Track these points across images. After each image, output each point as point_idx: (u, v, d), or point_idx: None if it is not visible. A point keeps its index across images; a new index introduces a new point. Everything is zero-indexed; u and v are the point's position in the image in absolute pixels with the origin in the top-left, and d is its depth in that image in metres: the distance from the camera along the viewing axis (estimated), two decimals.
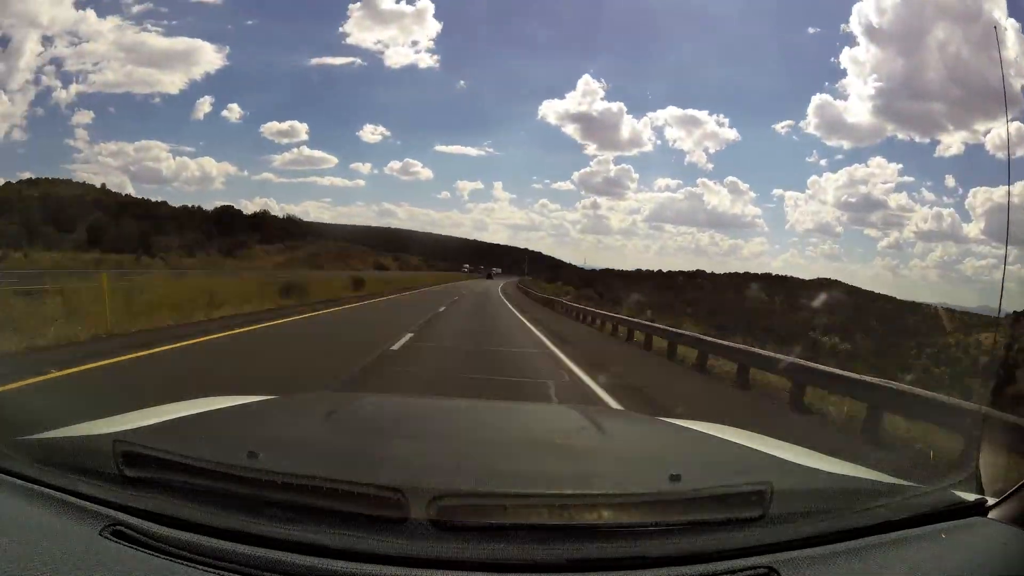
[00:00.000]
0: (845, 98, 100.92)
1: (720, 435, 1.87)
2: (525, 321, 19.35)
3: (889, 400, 5.84)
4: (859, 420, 6.21)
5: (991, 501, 1.23)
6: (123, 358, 7.94)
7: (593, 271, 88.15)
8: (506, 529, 1.04)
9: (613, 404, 6.92)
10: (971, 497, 1.25)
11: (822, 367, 7.50)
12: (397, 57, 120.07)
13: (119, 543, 1.02)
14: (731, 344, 10.21)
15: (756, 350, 9.44)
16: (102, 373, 7.00)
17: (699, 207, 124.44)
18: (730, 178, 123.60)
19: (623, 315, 18.55)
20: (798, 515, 1.15)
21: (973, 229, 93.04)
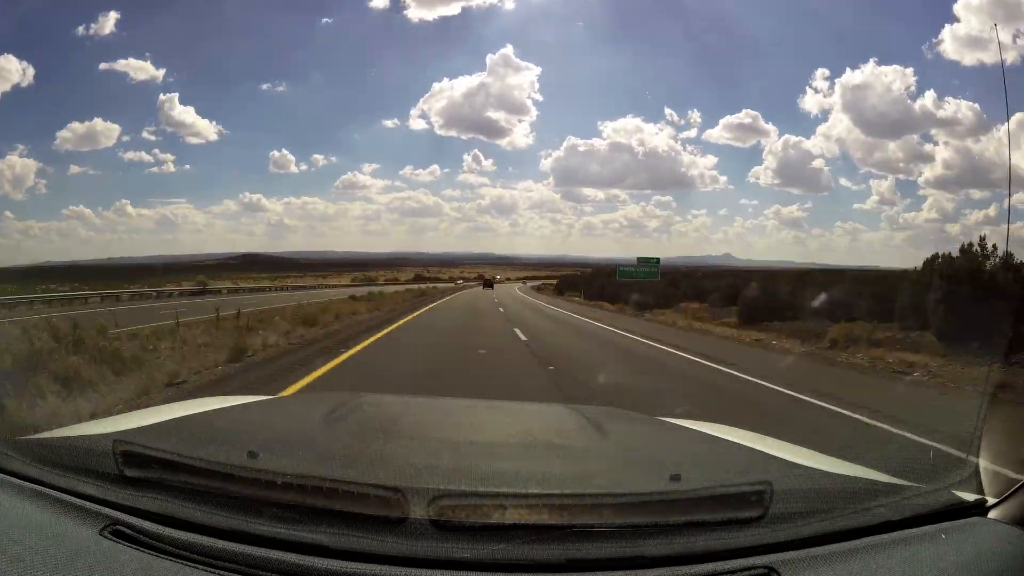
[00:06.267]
0: None
1: (720, 435, 1.87)
2: None
3: None
4: None
5: (991, 501, 1.23)
6: None
7: None
8: (506, 529, 1.04)
9: None
10: (971, 497, 1.25)
11: None
12: None
13: (119, 543, 1.02)
14: None
15: None
16: None
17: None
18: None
19: None
20: (798, 515, 1.14)
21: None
